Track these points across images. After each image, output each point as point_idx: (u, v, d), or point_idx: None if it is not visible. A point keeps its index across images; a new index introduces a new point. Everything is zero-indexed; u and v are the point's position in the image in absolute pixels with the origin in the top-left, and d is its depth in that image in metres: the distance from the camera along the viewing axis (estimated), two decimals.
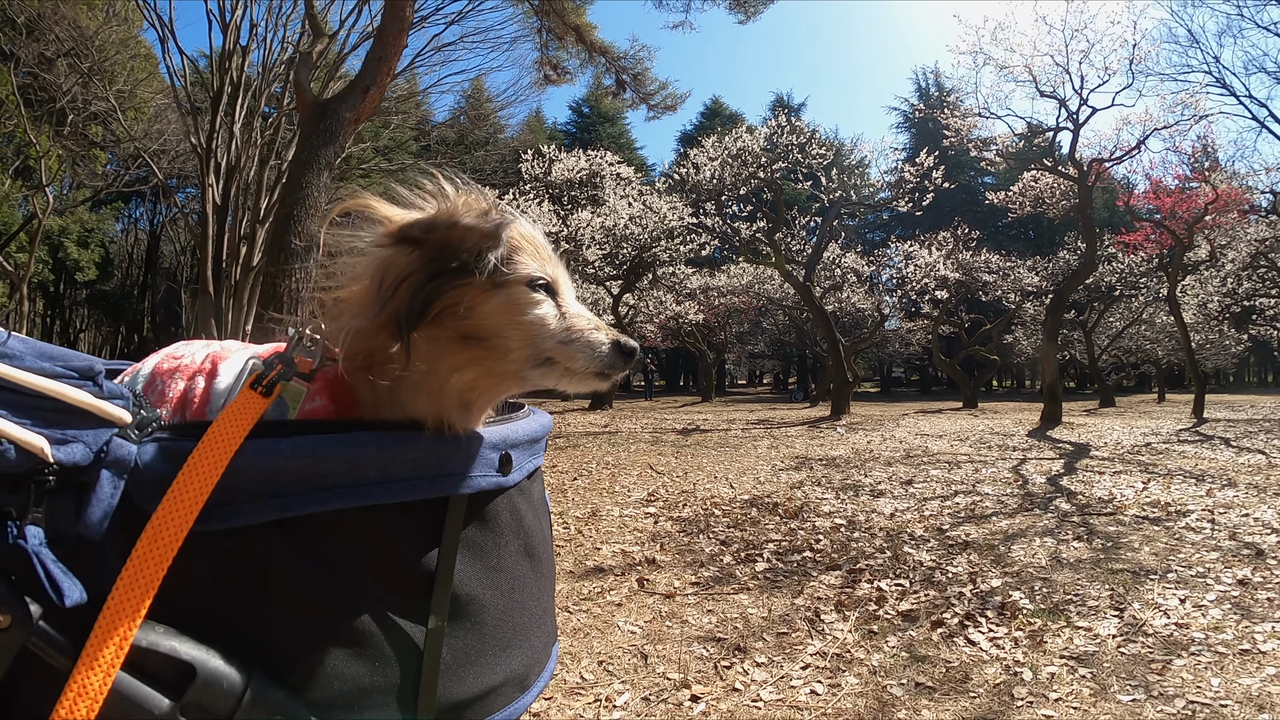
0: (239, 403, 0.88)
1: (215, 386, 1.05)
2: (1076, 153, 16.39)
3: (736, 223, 19.55)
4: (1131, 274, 25.38)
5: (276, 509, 0.82)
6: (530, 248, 1.05)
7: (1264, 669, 3.26)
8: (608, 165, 18.49)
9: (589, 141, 42.06)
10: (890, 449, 11.52)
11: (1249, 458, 10.10)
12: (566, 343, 1.02)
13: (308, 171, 7.22)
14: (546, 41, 18.43)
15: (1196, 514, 6.26)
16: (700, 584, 4.49)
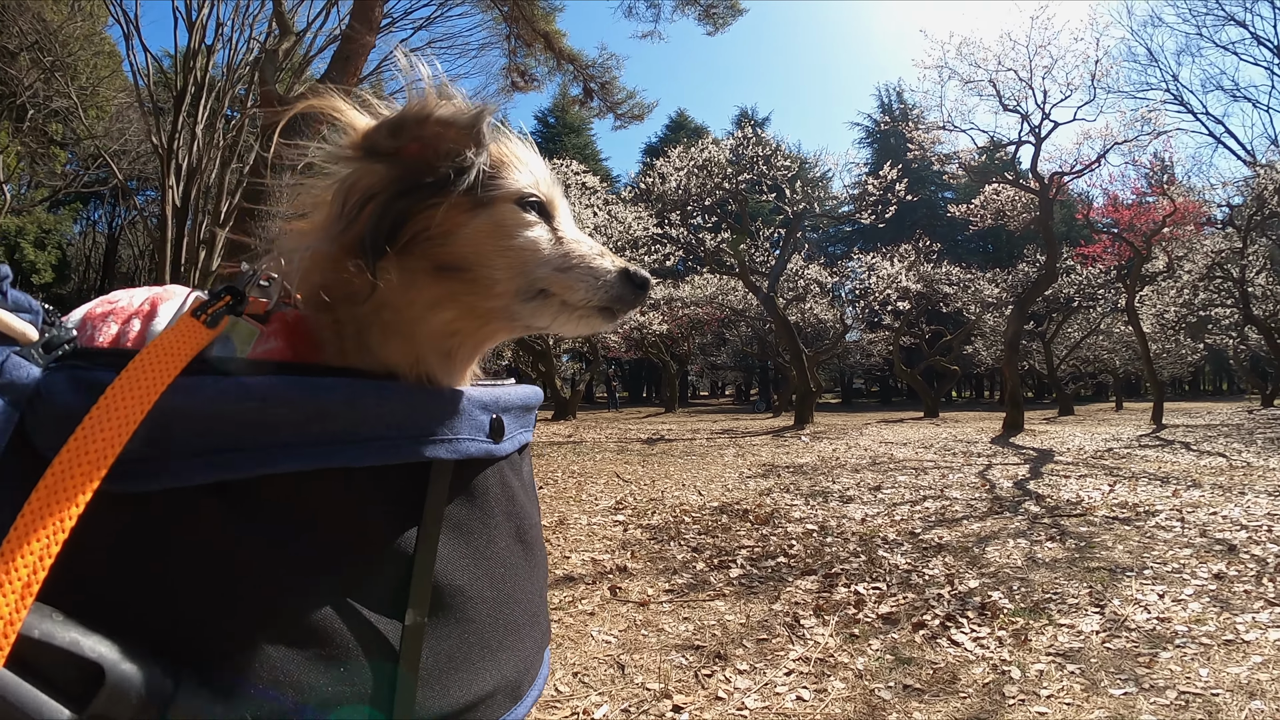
0: (176, 330, 0.70)
1: (152, 329, 0.87)
2: (1038, 166, 16.70)
3: (701, 234, 19.55)
4: (1090, 285, 25.89)
5: (216, 468, 0.64)
6: (521, 163, 0.90)
7: (1250, 658, 3.24)
8: (573, 175, 18.37)
9: (554, 151, 42.01)
10: (856, 456, 11.51)
11: (1210, 460, 10.24)
12: (564, 270, 0.86)
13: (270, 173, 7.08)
14: (515, 48, 18.35)
15: (1165, 513, 6.28)
16: (674, 591, 4.37)
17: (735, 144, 18.09)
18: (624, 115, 21.24)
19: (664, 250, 19.93)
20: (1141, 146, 18.10)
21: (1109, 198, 23.69)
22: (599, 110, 20.91)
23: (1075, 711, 2.82)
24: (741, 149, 18.04)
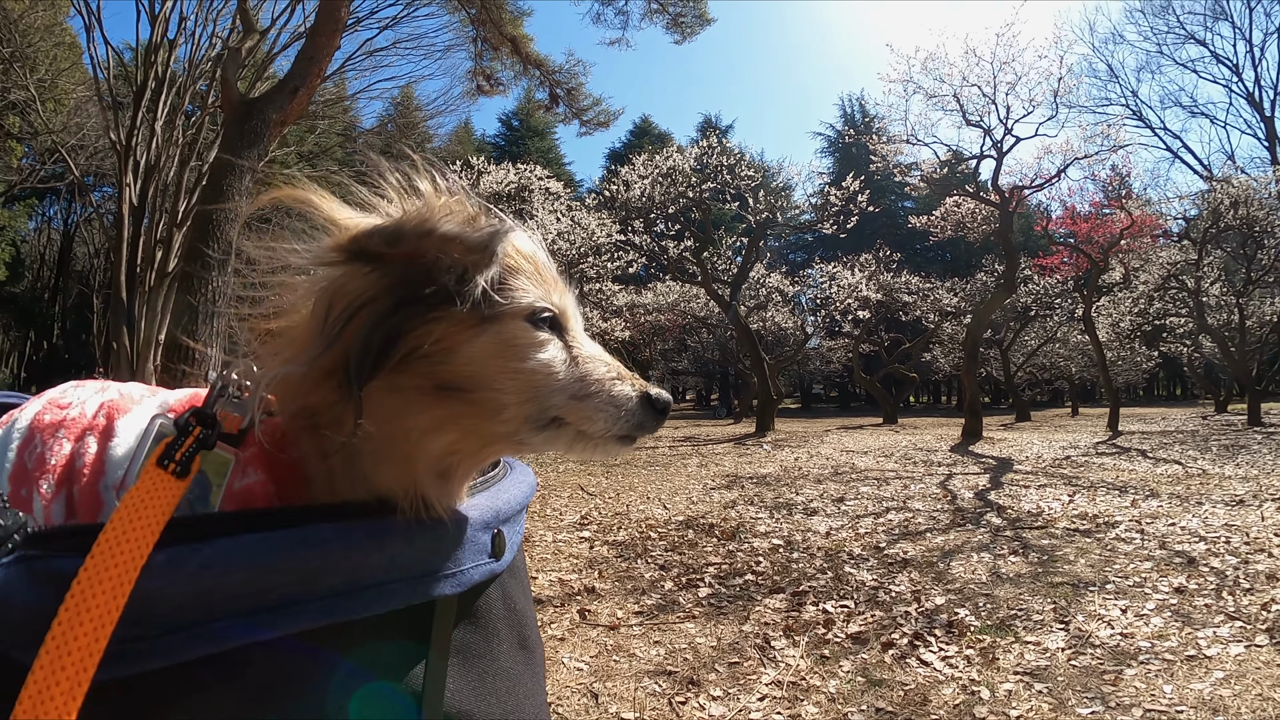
0: (142, 490, 0.63)
1: (110, 453, 0.78)
2: (999, 180, 16.99)
3: (664, 241, 19.61)
4: (1047, 295, 26.45)
5: (207, 641, 0.59)
6: (530, 268, 0.81)
7: (1212, 673, 3.30)
8: (537, 180, 18.27)
9: (518, 155, 41.79)
10: (818, 466, 11.60)
11: (1166, 468, 10.47)
12: (581, 398, 0.79)
13: (230, 174, 6.88)
14: (481, 51, 18.21)
15: (1125, 524, 6.40)
16: (644, 613, 4.35)
17: (700, 153, 18.16)
18: (589, 122, 21.22)
19: (627, 257, 19.94)
20: (1101, 161, 18.50)
21: (1067, 209, 24.25)
22: (564, 116, 20.89)
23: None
24: (706, 158, 18.11)
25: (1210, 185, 21.32)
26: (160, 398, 0.86)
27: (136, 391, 0.87)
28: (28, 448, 0.79)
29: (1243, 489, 8.21)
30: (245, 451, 0.75)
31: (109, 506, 0.73)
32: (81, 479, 0.76)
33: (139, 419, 0.81)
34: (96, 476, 0.76)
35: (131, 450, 0.78)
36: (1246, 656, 3.46)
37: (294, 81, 7.43)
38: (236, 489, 0.74)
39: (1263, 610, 4.09)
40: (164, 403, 0.84)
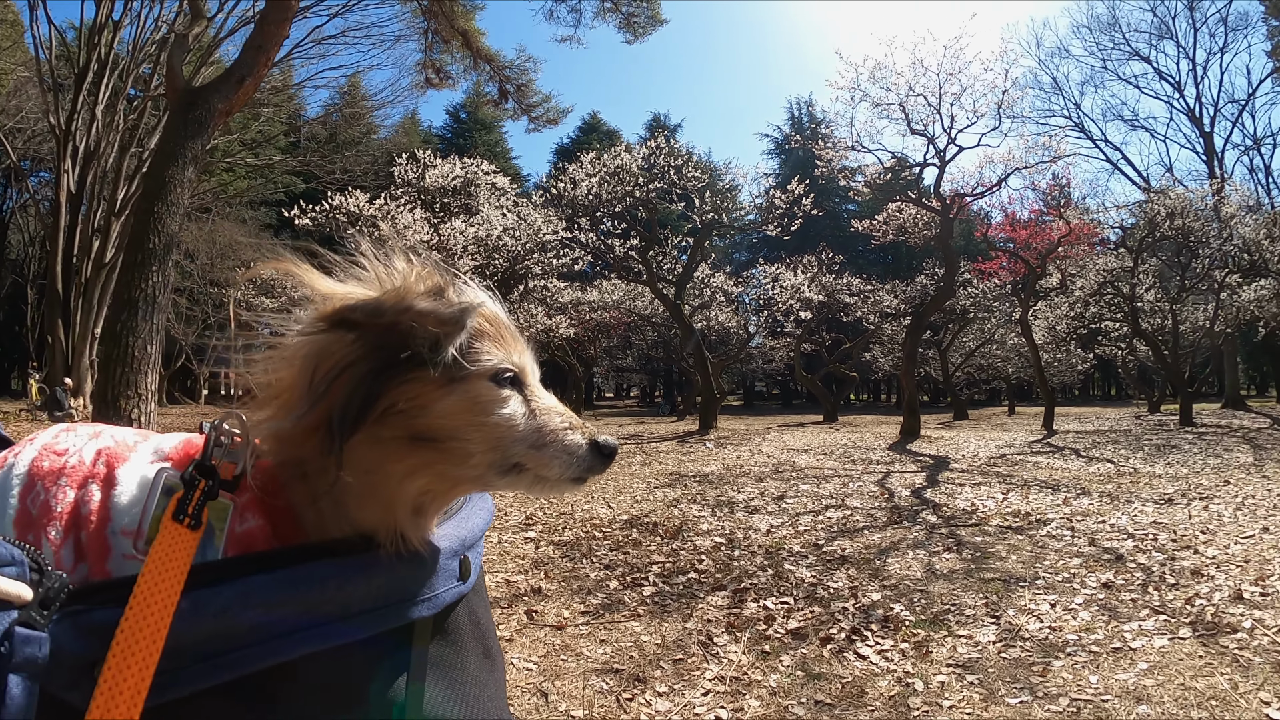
0: (164, 545, 0.72)
1: (115, 500, 0.84)
2: (941, 187, 17.33)
3: (610, 239, 19.59)
4: (985, 298, 27.15)
5: (225, 670, 0.69)
6: (493, 331, 0.91)
7: (1136, 664, 3.46)
8: (483, 174, 18.08)
9: (464, 148, 41.30)
10: (759, 464, 11.73)
11: (1099, 467, 10.86)
12: (539, 447, 0.89)
13: (171, 164, 6.64)
14: (432, 43, 17.96)
15: (1056, 522, 6.63)
16: (590, 613, 4.38)
17: (648, 153, 18.17)
18: (538, 119, 21.14)
19: (572, 254, 19.88)
20: (1041, 171, 19.00)
21: (1007, 216, 24.89)
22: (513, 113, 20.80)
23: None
24: (654, 158, 18.13)
25: (1148, 196, 22.18)
26: (153, 444, 0.91)
27: (129, 438, 0.92)
28: (30, 494, 0.84)
29: (1172, 488, 8.56)
30: (241, 497, 0.83)
31: (116, 551, 0.80)
32: (89, 525, 0.81)
33: (137, 467, 0.86)
34: (103, 523, 0.82)
35: (135, 498, 0.83)
36: (1170, 649, 3.64)
37: (241, 70, 7.23)
38: (238, 532, 0.82)
39: (1187, 605, 4.29)
40: (158, 450, 0.90)
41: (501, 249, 17.50)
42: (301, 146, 27.12)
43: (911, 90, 16.29)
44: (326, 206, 16.24)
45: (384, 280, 0.87)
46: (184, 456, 0.88)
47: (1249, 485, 8.57)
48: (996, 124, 16.80)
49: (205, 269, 29.49)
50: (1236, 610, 4.16)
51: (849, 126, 17.63)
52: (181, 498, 0.78)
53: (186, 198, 6.72)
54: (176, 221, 6.54)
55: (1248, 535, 5.99)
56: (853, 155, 17.67)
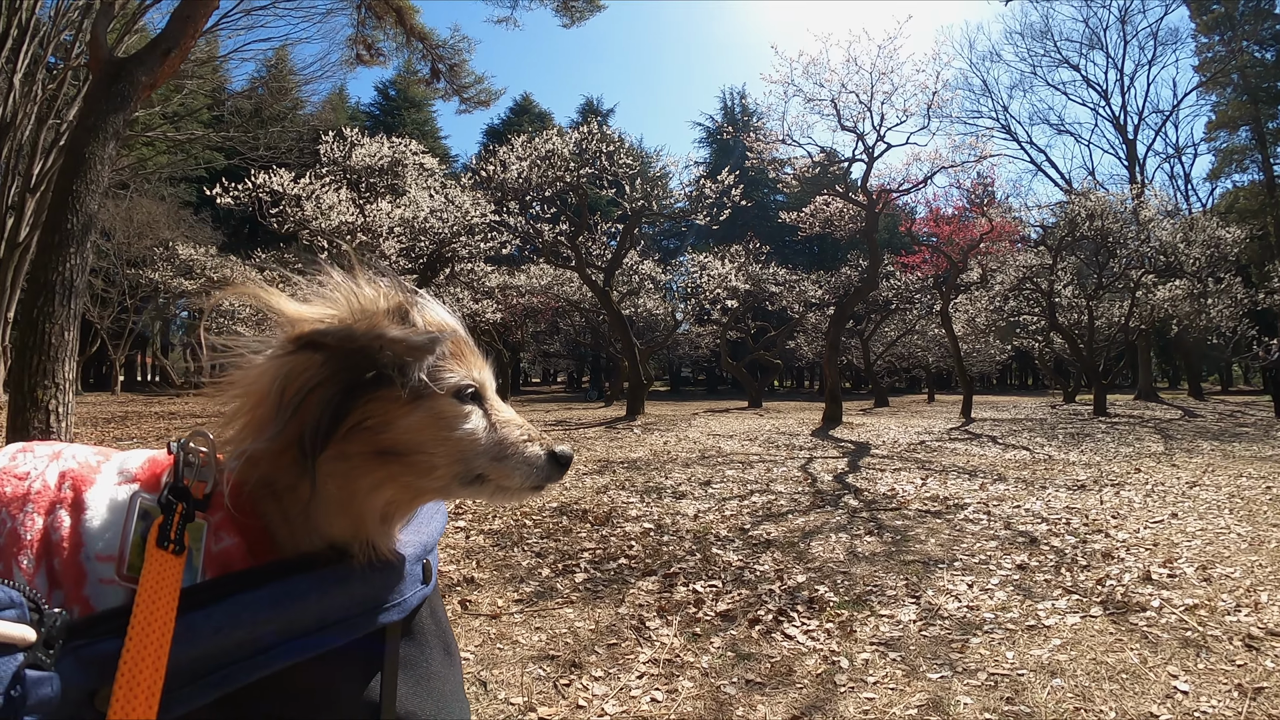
0: (153, 573, 0.75)
1: (86, 525, 0.84)
2: (868, 182, 17.67)
3: (540, 224, 19.42)
4: (908, 290, 27.86)
5: (216, 687, 0.74)
6: (455, 348, 0.95)
7: (1050, 640, 3.63)
8: (411, 154, 17.62)
9: (393, 126, 40.38)
10: (686, 450, 11.83)
11: (1015, 454, 11.28)
12: (500, 459, 0.94)
13: (92, 140, 6.25)
14: (364, 19, 17.48)
15: (973, 506, 6.88)
16: (523, 601, 4.37)
17: (580, 138, 17.99)
18: (470, 100, 20.81)
19: (501, 238, 19.63)
20: (967, 170, 19.52)
21: (931, 212, 25.55)
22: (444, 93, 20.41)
23: (899, 695, 3.08)
24: (585, 143, 17.97)
25: (1069, 198, 23.13)
26: (116, 464, 0.92)
27: (91, 458, 0.93)
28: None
29: (1085, 474, 8.94)
30: (214, 516, 0.86)
31: (92, 576, 0.81)
32: (62, 552, 0.82)
33: (105, 490, 0.87)
34: (76, 549, 0.82)
35: (107, 522, 0.84)
36: (1082, 626, 3.83)
37: (167, 42, 6.85)
38: (215, 552, 0.84)
39: (1098, 585, 4.51)
40: (123, 470, 0.91)
41: (428, 231, 17.17)
42: (225, 121, 26.01)
43: (844, 87, 16.51)
44: (249, 185, 15.67)
45: (349, 301, 0.89)
46: (151, 476, 0.89)
47: (1159, 473, 9.01)
48: (925, 124, 17.13)
49: (122, 248, 28.08)
50: (1145, 590, 4.39)
51: (781, 120, 17.81)
52: (163, 523, 0.80)
53: (107, 175, 6.38)
54: (96, 201, 6.21)
55: (1157, 520, 6.31)
56: (783, 148, 17.85)
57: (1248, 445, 11.91)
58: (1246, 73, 36.57)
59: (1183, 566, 4.88)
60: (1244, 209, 36.12)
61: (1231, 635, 3.65)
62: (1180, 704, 2.94)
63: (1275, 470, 8.99)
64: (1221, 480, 8.31)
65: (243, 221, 38.61)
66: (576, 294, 27.83)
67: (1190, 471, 9.06)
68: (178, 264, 24.79)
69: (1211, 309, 24.54)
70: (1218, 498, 7.23)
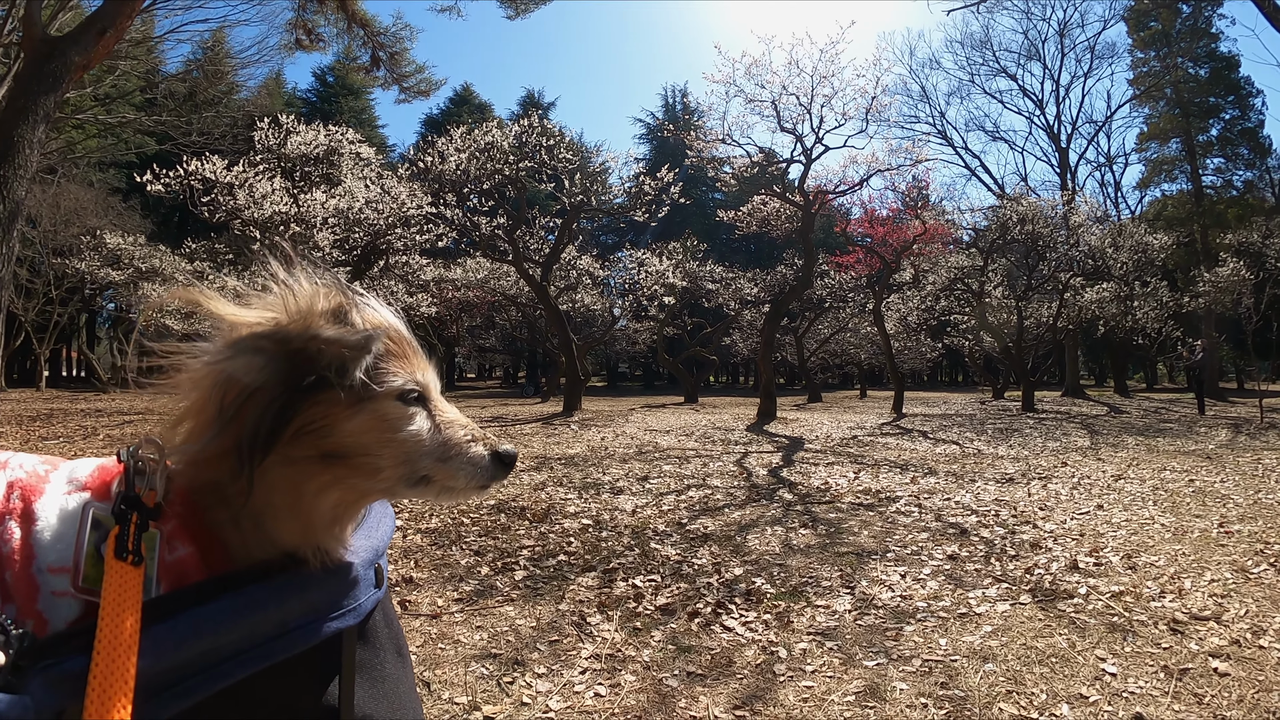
0: (115, 586, 0.74)
1: (37, 536, 0.82)
2: (805, 183, 17.87)
3: (477, 217, 19.18)
4: (841, 289, 28.36)
5: (180, 698, 0.74)
6: (398, 349, 0.94)
7: (982, 627, 3.73)
8: (348, 143, 17.19)
9: (330, 114, 39.40)
10: (624, 445, 11.84)
11: (944, 448, 11.56)
12: (445, 460, 0.93)
13: (22, 122, 5.93)
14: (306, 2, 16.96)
15: (905, 500, 7.01)
16: (463, 600, 4.31)
17: (520, 131, 17.82)
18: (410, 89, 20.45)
19: (437, 230, 19.34)
20: (902, 173, 19.90)
21: (866, 214, 26.02)
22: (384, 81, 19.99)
23: (836, 683, 3.13)
24: (525, 136, 17.81)
25: (1002, 202, 23.80)
26: (64, 473, 0.90)
27: (39, 467, 0.91)
28: None
29: (1013, 468, 9.21)
30: (166, 524, 0.84)
31: (45, 589, 0.79)
32: (13, 565, 0.80)
33: (54, 499, 0.86)
34: (28, 560, 0.81)
35: (59, 532, 0.83)
36: (1012, 613, 3.94)
37: (103, 21, 6.55)
38: (169, 561, 0.83)
39: (1026, 574, 4.65)
40: (73, 479, 0.89)
41: (363, 223, 16.81)
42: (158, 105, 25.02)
43: (785, 89, 16.62)
44: (181, 171, 15.12)
45: (288, 302, 0.87)
46: (101, 484, 0.87)
47: (1085, 466, 9.31)
48: (864, 127, 17.45)
49: (48, 236, 26.68)
50: (1073, 578, 4.53)
51: (721, 119, 17.84)
52: (119, 534, 0.79)
53: (37, 160, 6.09)
54: (24, 187, 5.93)
55: (1083, 511, 6.52)
56: (723, 147, 17.92)
57: (1171, 440, 12.37)
58: (1180, 88, 38.05)
59: (1108, 555, 5.05)
60: (1171, 216, 37.60)
61: (1157, 620, 3.79)
62: (1109, 685, 3.04)
63: (1198, 464, 9.36)
64: (1146, 473, 8.63)
65: (172, 210, 37.31)
66: (513, 288, 27.64)
67: (1115, 465, 9.39)
68: (105, 253, 23.76)
69: (1137, 311, 25.50)
70: (1142, 490, 7.51)
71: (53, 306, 29.50)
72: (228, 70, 25.76)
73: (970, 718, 2.80)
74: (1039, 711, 2.84)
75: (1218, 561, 4.86)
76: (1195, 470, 8.79)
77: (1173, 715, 2.80)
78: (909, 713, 2.85)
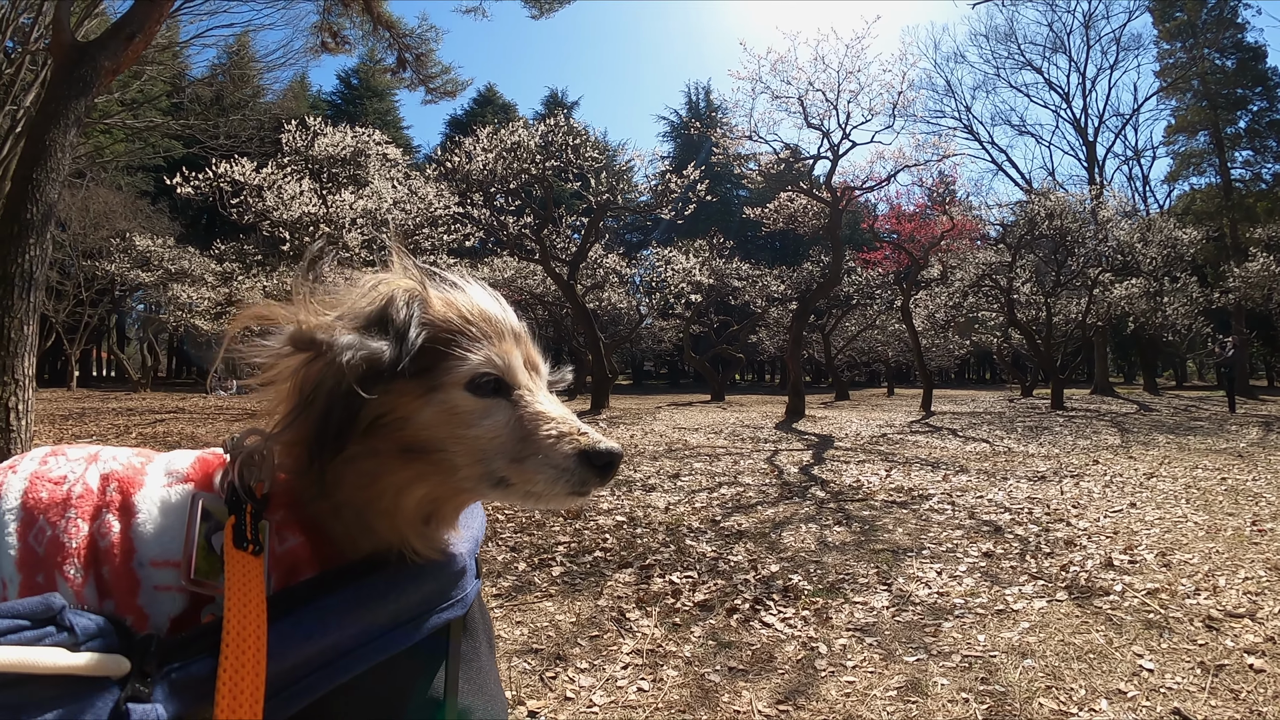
0: (239, 578, 0.72)
1: (138, 530, 0.79)
2: (832, 180, 17.76)
3: (504, 216, 19.29)
4: (869, 286, 28.22)
5: (301, 696, 0.71)
6: (476, 328, 0.86)
7: (1019, 624, 3.75)
8: (375, 144, 17.33)
9: (355, 115, 39.86)
10: (653, 443, 11.87)
11: (975, 446, 11.52)
12: (521, 459, 0.83)
13: (53, 127, 6.02)
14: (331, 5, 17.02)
15: (938, 497, 7.01)
16: (502, 595, 4.38)
17: (546, 130, 17.87)
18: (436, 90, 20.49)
19: (464, 230, 19.48)
20: (929, 168, 19.74)
21: (893, 209, 25.86)
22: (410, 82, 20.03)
23: (878, 678, 3.16)
24: (551, 136, 17.86)
25: (1029, 197, 23.56)
26: (162, 465, 0.87)
27: (134, 459, 0.88)
28: (31, 530, 0.78)
29: (1045, 466, 9.16)
30: (275, 515, 0.82)
31: (146, 584, 0.76)
32: (112, 559, 0.77)
33: (154, 491, 0.83)
34: (128, 555, 0.78)
35: (163, 525, 0.80)
36: (1048, 610, 3.95)
37: (131, 26, 6.64)
38: (279, 552, 0.81)
39: (1061, 571, 4.65)
40: (172, 471, 0.86)
41: (391, 223, 17.00)
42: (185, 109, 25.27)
43: (811, 85, 16.56)
44: (210, 174, 15.35)
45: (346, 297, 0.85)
46: (203, 476, 0.85)
47: (1116, 464, 9.24)
48: (890, 123, 17.35)
49: (78, 239, 27.07)
50: (1108, 576, 4.54)
51: (748, 116, 17.82)
52: (236, 523, 0.77)
53: (68, 164, 6.20)
54: (56, 190, 6.02)
55: (1116, 510, 6.50)
56: (749, 144, 17.86)
57: (1202, 439, 12.21)
58: (1206, 79, 37.41)
59: (1143, 553, 5.04)
60: (1200, 211, 37.02)
61: (1192, 617, 3.79)
62: (1146, 681, 3.06)
63: (1229, 462, 9.26)
64: (1178, 471, 8.55)
65: (200, 211, 37.85)
66: (540, 287, 27.73)
67: (1147, 463, 9.31)
68: (134, 255, 24.19)
69: (1167, 307, 25.20)
70: (1174, 488, 7.45)
71: (83, 308, 29.95)
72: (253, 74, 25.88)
73: (1011, 713, 2.83)
74: (1079, 707, 2.86)
75: (1251, 560, 4.83)
76: (1227, 469, 8.69)
77: (1210, 710, 2.82)
78: (951, 708, 2.88)
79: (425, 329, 0.83)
